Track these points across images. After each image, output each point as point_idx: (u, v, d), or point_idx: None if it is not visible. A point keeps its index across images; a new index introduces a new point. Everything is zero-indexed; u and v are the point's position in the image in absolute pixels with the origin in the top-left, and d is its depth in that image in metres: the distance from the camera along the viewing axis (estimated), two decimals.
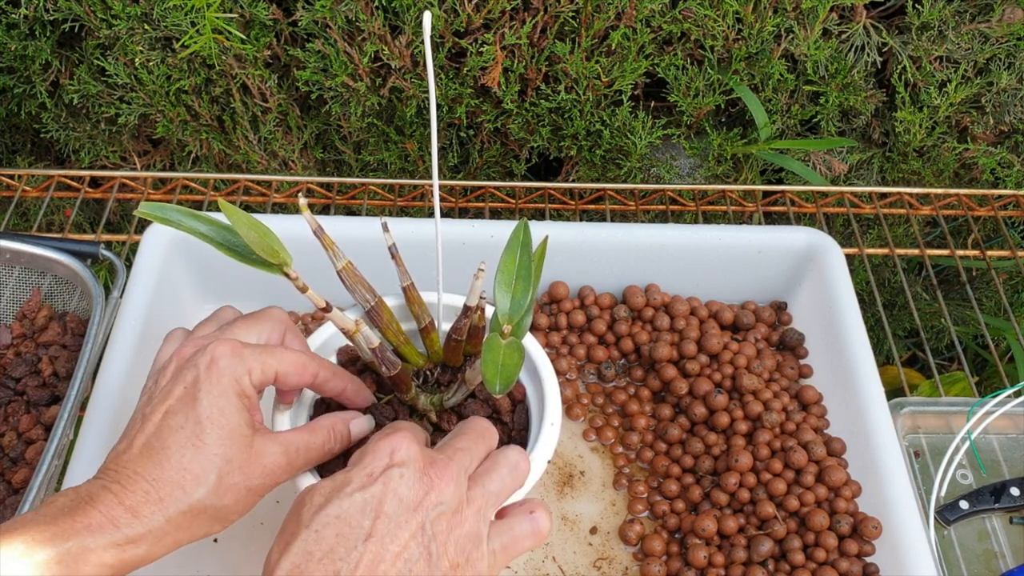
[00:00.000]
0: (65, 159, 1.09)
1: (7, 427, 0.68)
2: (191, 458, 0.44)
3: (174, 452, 0.44)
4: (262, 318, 0.52)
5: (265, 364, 0.48)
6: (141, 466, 0.44)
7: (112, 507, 0.42)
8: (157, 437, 0.44)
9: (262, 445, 0.47)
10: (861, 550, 0.63)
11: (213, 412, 0.45)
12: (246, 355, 0.47)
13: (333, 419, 0.51)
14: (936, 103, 0.96)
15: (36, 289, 0.77)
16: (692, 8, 0.90)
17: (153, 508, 0.43)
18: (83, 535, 0.41)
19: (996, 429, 0.74)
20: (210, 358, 0.46)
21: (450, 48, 0.92)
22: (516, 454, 0.48)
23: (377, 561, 0.41)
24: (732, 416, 0.70)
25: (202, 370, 0.46)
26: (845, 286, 0.75)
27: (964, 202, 0.97)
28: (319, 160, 1.06)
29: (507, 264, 0.51)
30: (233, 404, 0.46)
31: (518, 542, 0.46)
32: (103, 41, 0.94)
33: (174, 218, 0.48)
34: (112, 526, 0.42)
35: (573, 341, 0.77)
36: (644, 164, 1.02)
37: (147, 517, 0.43)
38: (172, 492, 0.43)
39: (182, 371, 0.47)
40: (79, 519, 0.42)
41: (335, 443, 0.50)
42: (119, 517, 0.42)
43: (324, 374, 0.51)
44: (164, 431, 0.45)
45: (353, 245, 0.60)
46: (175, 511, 0.43)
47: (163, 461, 0.44)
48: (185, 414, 0.45)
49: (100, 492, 0.43)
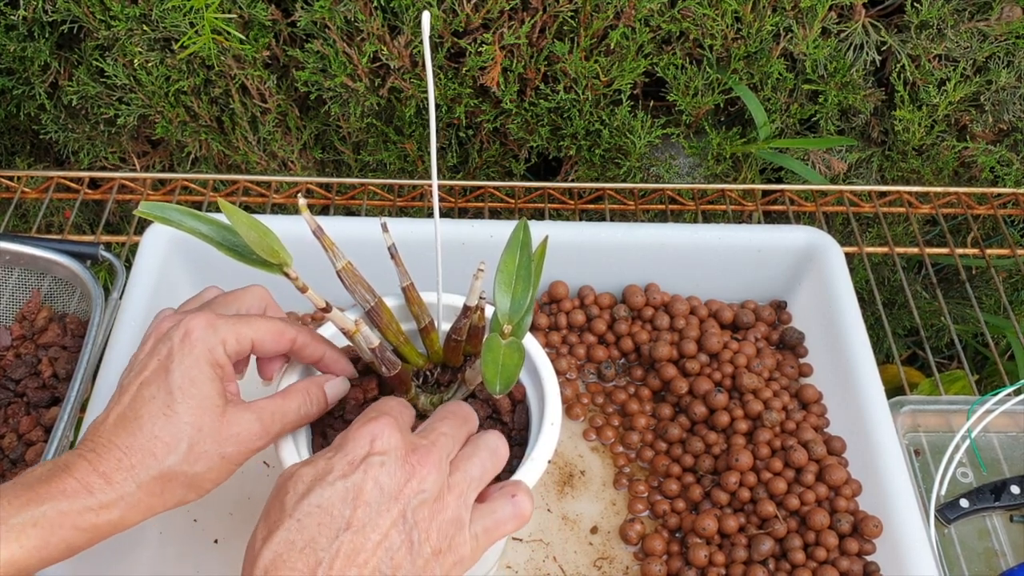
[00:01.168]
0: (64, 160, 1.09)
1: (7, 428, 0.68)
2: (162, 426, 0.45)
3: (146, 421, 0.45)
4: (241, 295, 0.53)
5: (240, 333, 0.49)
6: (115, 435, 0.45)
7: (87, 474, 0.44)
8: (131, 408, 0.46)
9: (234, 414, 0.47)
10: (862, 549, 0.63)
11: (184, 382, 0.46)
12: (220, 326, 0.48)
13: (307, 383, 0.51)
14: (935, 101, 0.96)
15: (36, 290, 0.77)
16: (691, 7, 0.90)
17: (125, 475, 0.44)
18: (58, 499, 0.43)
19: (996, 427, 0.74)
20: (184, 331, 0.47)
21: (449, 48, 0.92)
22: (495, 438, 0.48)
23: (357, 550, 0.41)
24: (732, 415, 0.70)
25: (176, 342, 0.47)
26: (845, 285, 0.75)
27: (963, 200, 0.97)
28: (318, 160, 1.06)
29: (507, 264, 0.51)
30: (205, 374, 0.47)
31: (500, 525, 0.46)
32: (102, 42, 0.94)
33: (174, 218, 0.48)
34: (86, 492, 0.43)
35: (573, 341, 0.77)
36: (643, 163, 1.02)
37: (119, 483, 0.44)
38: (144, 459, 0.45)
39: (158, 345, 0.48)
40: (54, 485, 0.43)
41: (312, 406, 0.51)
42: (93, 483, 0.44)
43: (302, 339, 0.51)
44: (138, 402, 0.46)
45: (353, 245, 0.60)
46: (146, 477, 0.45)
47: (135, 430, 0.45)
48: (158, 385, 0.46)
49: (76, 460, 0.44)
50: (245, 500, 0.67)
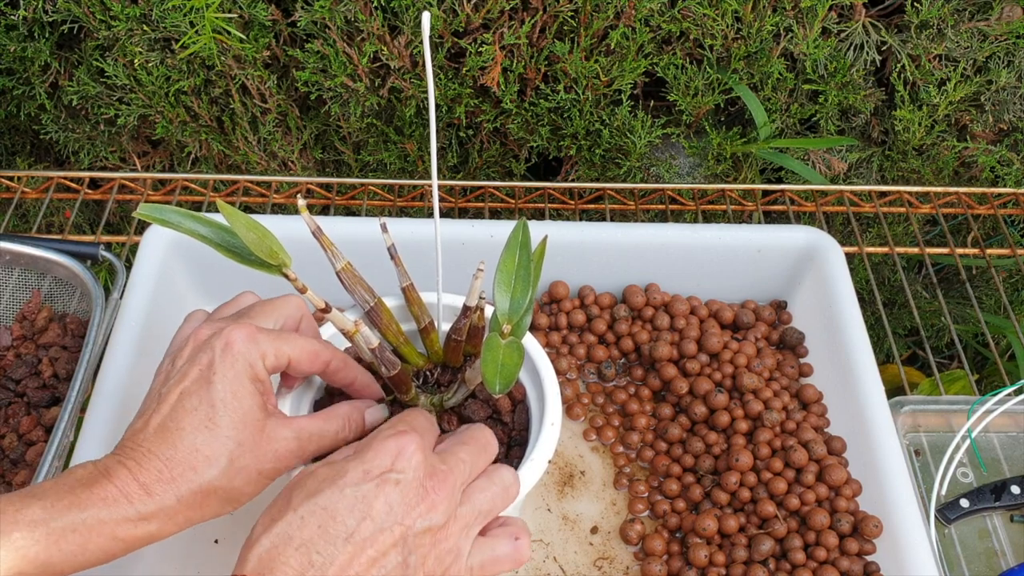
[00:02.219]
0: (64, 160, 1.09)
1: (7, 429, 0.68)
2: (204, 440, 0.45)
3: (187, 433, 0.45)
4: (279, 304, 0.52)
5: (279, 350, 0.48)
6: (155, 445, 0.45)
7: (127, 483, 0.43)
8: (172, 418, 0.45)
9: (274, 430, 0.47)
10: (862, 549, 0.63)
11: (227, 395, 0.46)
12: (261, 340, 0.48)
13: (349, 407, 0.51)
14: (935, 101, 0.96)
15: (36, 290, 0.77)
16: (691, 7, 0.90)
17: (165, 487, 0.44)
18: (99, 507, 0.42)
19: (996, 427, 0.74)
20: (225, 342, 0.47)
21: (449, 48, 0.92)
22: (510, 475, 0.48)
23: (351, 562, 0.41)
24: (732, 415, 0.70)
25: (217, 353, 0.47)
26: (845, 285, 0.75)
27: (964, 200, 0.97)
28: (318, 161, 1.06)
29: (506, 264, 0.51)
30: (247, 388, 0.46)
31: (498, 563, 0.46)
32: (102, 42, 0.94)
33: (173, 219, 0.48)
34: (126, 501, 0.43)
35: (573, 341, 0.77)
36: (644, 163, 1.02)
37: (159, 495, 0.44)
38: (184, 472, 0.44)
39: (198, 353, 0.47)
40: (96, 491, 0.43)
41: (349, 431, 0.51)
42: (133, 493, 0.43)
43: (336, 363, 0.51)
44: (179, 412, 0.45)
45: (352, 245, 0.60)
46: (186, 491, 0.44)
47: (176, 442, 0.45)
48: (199, 396, 0.46)
49: (116, 467, 0.44)
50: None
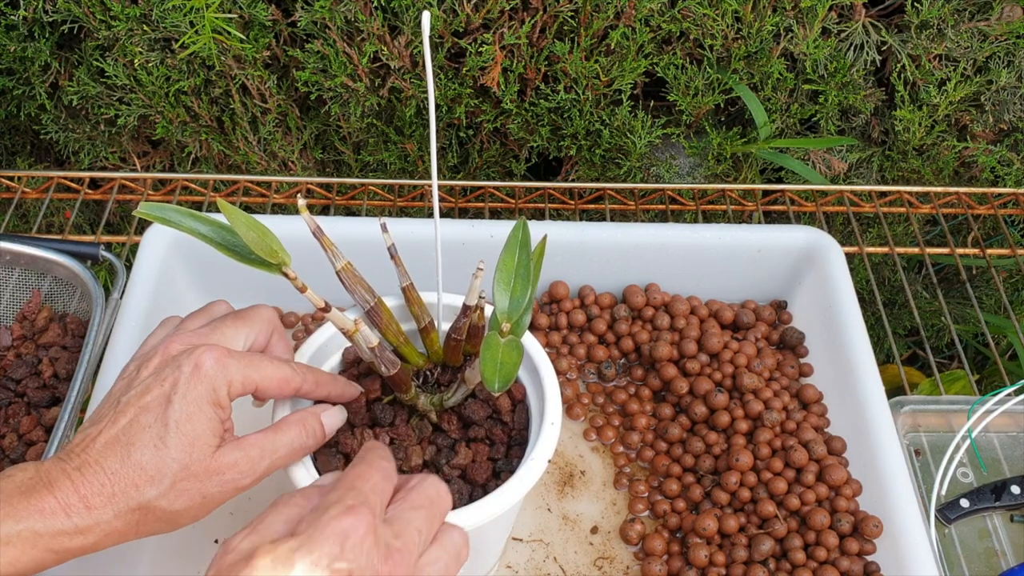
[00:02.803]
0: (65, 160, 1.09)
1: (8, 429, 0.68)
2: (150, 457, 0.45)
3: (136, 449, 0.45)
4: (251, 318, 0.52)
5: (247, 377, 0.48)
6: (103, 457, 0.44)
7: (68, 495, 0.43)
8: (125, 432, 0.45)
9: (223, 455, 0.47)
10: (862, 549, 0.63)
11: (182, 417, 0.45)
12: (230, 365, 0.47)
13: (302, 415, 0.50)
14: (935, 101, 0.96)
15: (36, 290, 0.77)
16: (691, 7, 0.90)
17: (105, 501, 0.44)
18: (35, 519, 0.42)
19: (997, 427, 0.74)
20: (195, 363, 0.46)
21: (449, 48, 0.92)
22: (460, 539, 0.46)
23: None
24: (732, 415, 0.70)
25: (184, 374, 0.46)
26: (845, 285, 0.75)
27: (964, 200, 0.97)
28: (319, 161, 1.06)
29: (506, 263, 0.51)
30: (205, 412, 0.46)
31: None
32: (102, 42, 0.94)
33: (173, 218, 0.48)
34: (64, 514, 0.43)
35: (573, 341, 0.77)
36: (644, 163, 1.02)
37: (98, 509, 0.44)
38: (126, 489, 0.44)
39: (164, 368, 0.47)
40: (34, 502, 0.42)
41: (308, 438, 0.50)
42: (72, 506, 0.43)
43: (306, 388, 0.51)
44: (133, 428, 0.45)
45: (353, 245, 0.60)
46: (124, 507, 0.44)
47: (124, 456, 0.45)
48: (155, 414, 0.45)
49: (59, 477, 0.44)
50: (245, 500, 0.67)
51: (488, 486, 0.53)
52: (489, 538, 0.59)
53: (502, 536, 0.63)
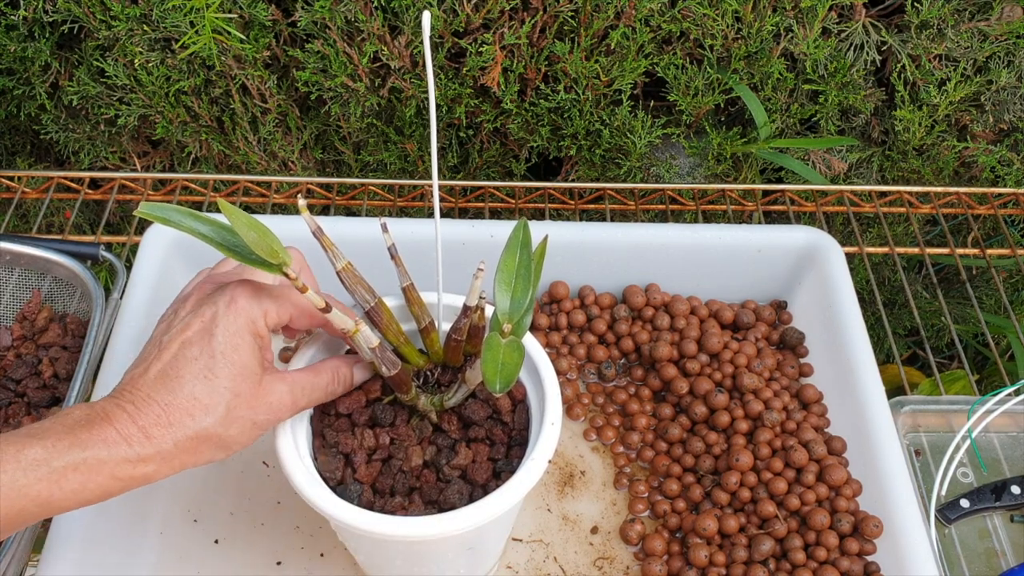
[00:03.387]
0: (65, 160, 1.09)
1: (8, 429, 0.68)
2: (202, 389, 0.46)
3: (187, 381, 0.46)
4: None
5: (281, 307, 0.50)
6: (155, 391, 0.46)
7: (127, 425, 0.45)
8: (172, 366, 0.47)
9: (270, 383, 0.49)
10: (862, 549, 0.63)
11: (227, 348, 0.47)
12: (263, 297, 0.49)
13: (337, 362, 0.53)
14: (935, 101, 0.96)
15: (36, 291, 0.77)
16: (691, 7, 0.90)
17: (163, 431, 0.45)
18: (99, 447, 0.44)
19: (997, 427, 0.74)
20: (230, 297, 0.48)
21: (449, 48, 0.92)
22: None
23: None
24: (732, 415, 0.70)
25: (221, 307, 0.48)
26: (845, 285, 0.75)
27: (964, 200, 0.97)
28: (319, 161, 1.06)
29: (507, 263, 0.51)
30: (247, 342, 0.48)
31: None
32: (102, 42, 0.94)
33: (174, 218, 0.48)
34: (126, 443, 0.44)
35: (573, 341, 0.77)
36: (644, 163, 1.02)
37: (157, 439, 0.45)
38: (182, 418, 0.46)
39: (201, 306, 0.49)
40: (96, 432, 0.44)
41: (338, 385, 0.52)
42: (132, 435, 0.45)
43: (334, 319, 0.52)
44: (180, 361, 0.47)
45: (353, 245, 0.60)
46: (183, 436, 0.46)
47: (176, 388, 0.46)
48: (200, 347, 0.47)
49: (115, 410, 0.45)
50: (246, 500, 0.67)
51: (488, 486, 0.53)
52: (489, 538, 0.59)
53: (502, 536, 0.63)
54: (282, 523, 0.66)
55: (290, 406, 0.50)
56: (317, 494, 0.49)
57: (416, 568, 0.57)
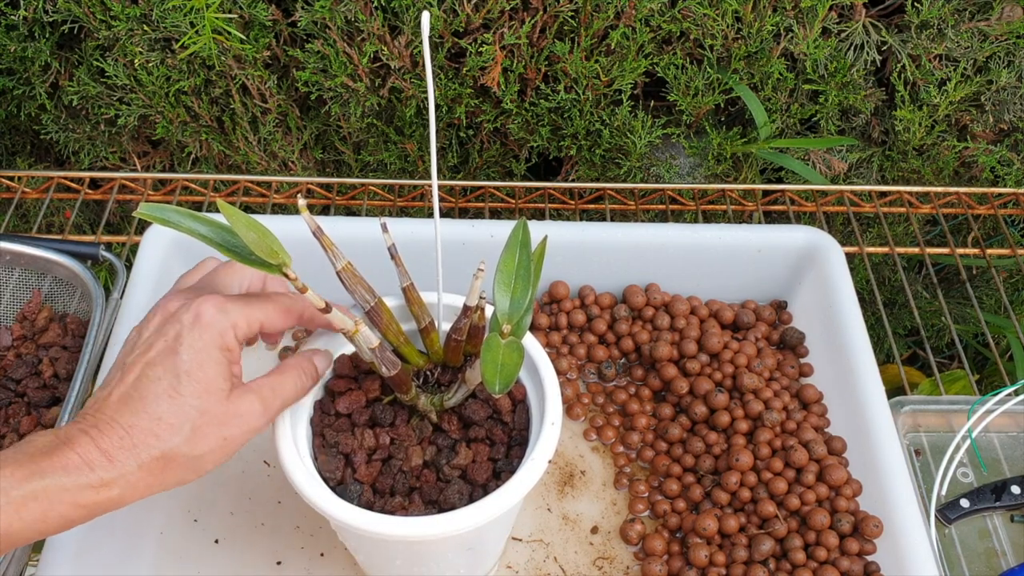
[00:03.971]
0: (65, 160, 1.09)
1: (8, 429, 0.68)
2: (167, 408, 0.45)
3: (150, 402, 0.45)
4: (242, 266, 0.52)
5: (250, 317, 0.49)
6: (118, 413, 0.45)
7: (88, 450, 0.44)
8: (135, 387, 0.46)
9: (238, 396, 0.48)
10: (862, 549, 0.63)
11: (192, 366, 0.46)
12: (230, 309, 0.48)
13: (298, 359, 0.52)
14: (936, 101, 0.96)
15: (36, 290, 0.77)
16: (691, 7, 0.90)
17: (127, 453, 0.44)
18: (59, 474, 0.43)
19: (997, 427, 0.74)
20: (195, 314, 0.47)
21: (449, 48, 0.92)
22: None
23: None
24: (733, 415, 0.70)
25: (186, 325, 0.47)
26: (845, 285, 0.75)
27: (964, 200, 0.97)
28: (319, 161, 1.06)
29: (506, 263, 0.51)
30: (214, 358, 0.47)
31: None
32: (102, 42, 0.94)
33: (173, 219, 0.48)
34: (87, 468, 0.43)
35: (573, 341, 0.77)
36: (644, 163, 1.02)
37: (120, 461, 0.44)
38: (146, 439, 0.45)
39: (165, 325, 0.48)
40: (56, 459, 0.43)
41: (306, 378, 0.52)
42: (94, 460, 0.44)
43: (309, 312, 0.52)
44: (143, 382, 0.46)
45: (353, 245, 0.60)
46: (148, 457, 0.45)
47: (139, 409, 0.45)
48: (164, 367, 0.46)
49: (78, 435, 0.44)
50: (246, 500, 0.67)
51: (488, 486, 0.53)
52: (489, 538, 0.59)
53: (502, 536, 0.63)
54: (282, 523, 0.66)
55: (261, 413, 0.49)
56: (317, 494, 0.49)
57: (416, 568, 0.57)
